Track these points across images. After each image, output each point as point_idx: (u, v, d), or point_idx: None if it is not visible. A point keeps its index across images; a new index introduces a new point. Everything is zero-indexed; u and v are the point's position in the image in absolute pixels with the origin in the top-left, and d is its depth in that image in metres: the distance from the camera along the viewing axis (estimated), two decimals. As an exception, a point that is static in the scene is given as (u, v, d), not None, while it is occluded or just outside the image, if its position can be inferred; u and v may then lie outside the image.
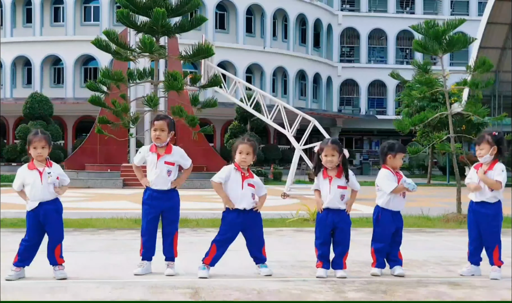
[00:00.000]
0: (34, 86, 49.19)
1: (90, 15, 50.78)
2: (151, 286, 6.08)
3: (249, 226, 6.71)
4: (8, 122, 50.41)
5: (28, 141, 6.46)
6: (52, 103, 42.62)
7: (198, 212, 14.16)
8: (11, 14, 50.63)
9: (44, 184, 6.37)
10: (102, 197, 21.04)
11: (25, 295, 5.62)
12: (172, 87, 12.69)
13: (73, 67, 49.73)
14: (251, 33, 54.08)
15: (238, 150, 6.67)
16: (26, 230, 6.51)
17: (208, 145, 33.53)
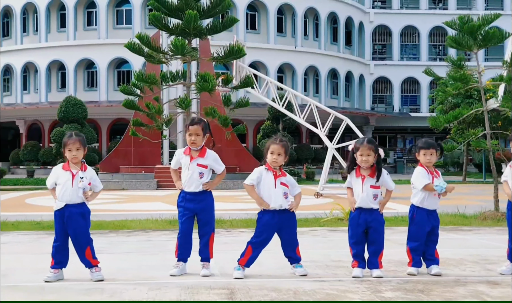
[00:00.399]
0: (69, 90, 49.80)
1: (122, 19, 51.25)
2: (187, 286, 6.10)
3: (284, 226, 6.69)
4: (43, 126, 51.12)
5: (63, 143, 6.53)
6: (86, 107, 43.08)
7: (231, 212, 14.19)
8: (45, 19, 51.35)
9: (74, 187, 6.43)
10: (136, 199, 21.22)
11: (62, 296, 5.67)
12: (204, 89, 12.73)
13: (106, 70, 50.24)
14: (282, 33, 54.02)
15: (269, 151, 6.66)
16: (55, 231, 6.58)
17: (240, 146, 33.59)
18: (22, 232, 10.96)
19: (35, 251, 8.69)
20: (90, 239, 6.58)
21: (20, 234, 10.73)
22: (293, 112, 25.23)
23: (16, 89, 52.86)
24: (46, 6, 51.07)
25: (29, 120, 51.72)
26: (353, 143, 6.86)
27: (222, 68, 44.06)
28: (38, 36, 51.90)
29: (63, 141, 6.55)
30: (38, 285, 6.22)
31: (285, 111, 24.37)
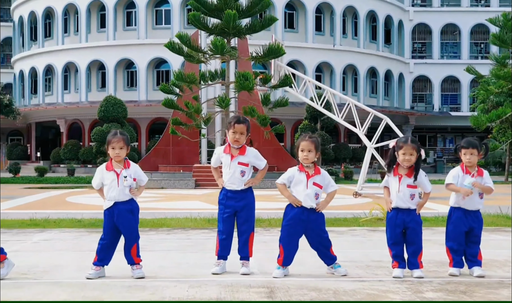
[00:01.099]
0: (108, 90, 50.42)
1: (161, 19, 51.65)
2: (226, 285, 6.12)
3: (312, 225, 6.61)
4: (83, 125, 51.85)
5: (107, 141, 6.59)
6: (125, 106, 43.59)
7: (270, 212, 14.17)
8: (86, 20, 52.07)
9: (120, 186, 6.50)
10: (175, 197, 21.36)
11: (104, 293, 5.74)
12: (243, 88, 12.75)
13: (145, 70, 50.72)
14: (320, 32, 53.82)
15: (300, 148, 6.63)
16: (103, 229, 6.66)
17: (278, 145, 33.57)
18: (64, 230, 11.13)
19: (76, 249, 8.80)
20: (138, 236, 6.65)
21: (62, 231, 10.90)
22: (331, 112, 25.12)
23: (57, 89, 53.71)
24: (86, 7, 51.78)
25: (70, 119, 52.51)
26: (394, 141, 6.78)
27: (260, 67, 44.10)
28: (78, 36, 52.64)
29: (107, 139, 6.61)
30: (80, 281, 6.30)
31: (324, 111, 24.27)
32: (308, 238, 6.70)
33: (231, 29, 12.53)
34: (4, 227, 11.34)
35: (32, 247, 8.99)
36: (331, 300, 5.56)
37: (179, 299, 5.53)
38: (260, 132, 26.31)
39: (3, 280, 6.38)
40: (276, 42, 13.59)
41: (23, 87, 57.86)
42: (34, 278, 6.50)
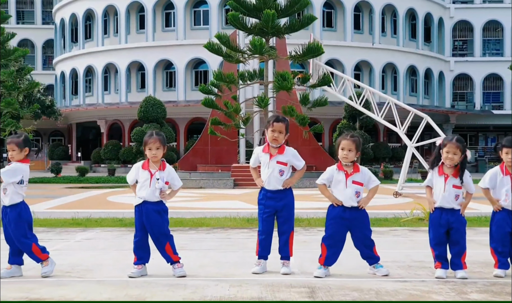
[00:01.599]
0: (148, 90, 50.86)
1: (199, 19, 51.91)
2: (267, 284, 6.12)
3: (355, 224, 6.57)
4: (123, 126, 52.41)
5: (144, 142, 6.64)
6: (165, 107, 43.93)
7: (309, 211, 14.12)
8: (125, 21, 52.63)
9: (152, 187, 6.55)
10: (214, 197, 21.43)
11: (146, 292, 5.78)
12: (282, 87, 12.73)
13: (184, 70, 51.03)
14: (359, 30, 53.45)
15: (340, 147, 6.59)
16: (135, 226, 6.72)
17: (317, 145, 33.44)
18: (105, 229, 11.26)
19: (118, 247, 8.90)
20: (170, 236, 6.67)
21: (104, 230, 11.03)
22: (370, 111, 24.92)
23: (98, 90, 54.41)
24: (126, 8, 52.32)
25: (110, 120, 53.14)
26: (441, 139, 6.70)
27: (297, 67, 43.99)
28: (118, 37, 53.22)
29: (143, 140, 6.66)
30: (123, 280, 6.37)
31: (363, 110, 24.09)
32: (353, 237, 6.66)
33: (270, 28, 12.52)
34: (47, 226, 11.53)
35: (74, 246, 9.12)
36: (373, 301, 5.51)
37: (220, 298, 5.55)
38: (299, 132, 26.22)
39: (47, 278, 6.48)
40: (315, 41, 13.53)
41: (64, 89, 58.75)
42: (78, 276, 6.59)
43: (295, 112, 13.11)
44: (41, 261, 6.58)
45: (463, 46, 61.14)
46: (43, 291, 5.81)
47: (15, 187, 6.54)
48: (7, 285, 6.12)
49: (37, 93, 38.82)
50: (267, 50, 12.59)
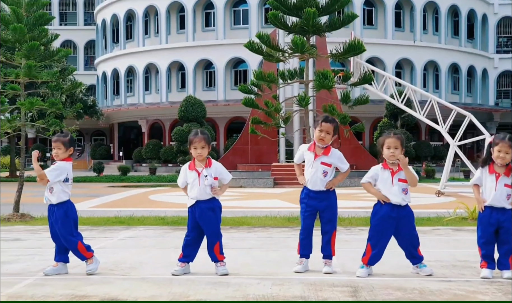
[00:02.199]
0: (188, 90, 51.21)
1: (239, 19, 52.05)
2: (310, 283, 6.10)
3: (403, 222, 6.50)
4: (164, 125, 52.86)
5: (189, 141, 6.68)
6: (205, 106, 44.19)
7: (350, 210, 14.06)
8: (166, 21, 53.07)
9: (201, 185, 6.58)
10: (254, 196, 21.48)
11: (189, 290, 5.82)
12: (324, 86, 12.67)
13: (224, 70, 51.23)
14: (400, 28, 52.92)
15: (385, 145, 6.53)
16: (187, 226, 6.76)
17: (357, 143, 33.26)
18: (148, 227, 11.37)
19: (161, 245, 8.98)
20: (220, 235, 6.71)
21: (146, 229, 11.14)
22: (412, 109, 24.66)
23: (139, 90, 54.99)
24: (166, 9, 52.75)
25: (151, 119, 53.65)
26: (492, 137, 6.58)
27: (337, 66, 43.76)
28: (159, 38, 53.68)
29: (189, 139, 6.69)
30: (166, 278, 6.42)
31: (404, 108, 23.85)
32: (398, 236, 6.58)
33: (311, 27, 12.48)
34: (90, 225, 11.71)
35: (118, 243, 9.23)
36: (417, 300, 5.46)
37: (263, 296, 5.55)
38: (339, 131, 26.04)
39: (92, 276, 6.58)
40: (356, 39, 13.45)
41: (105, 89, 59.54)
42: (122, 274, 6.67)
43: (336, 111, 13.03)
44: (86, 259, 6.67)
45: (508, 43, 60.00)
46: (89, 289, 5.89)
47: (61, 185, 6.66)
48: (54, 282, 6.23)
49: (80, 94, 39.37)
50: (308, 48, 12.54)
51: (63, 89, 14.33)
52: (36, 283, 6.16)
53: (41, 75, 13.41)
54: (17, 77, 13.34)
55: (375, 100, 39.65)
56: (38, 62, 13.37)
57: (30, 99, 13.25)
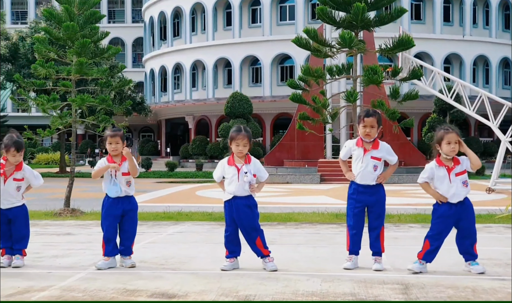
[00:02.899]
0: (234, 86, 51.38)
1: (285, 15, 51.95)
2: (359, 280, 6.05)
3: (462, 218, 6.40)
4: (210, 121, 53.17)
5: (231, 137, 6.66)
6: (251, 102, 44.29)
7: (399, 207, 13.90)
8: (212, 18, 53.32)
9: (240, 181, 6.59)
10: (301, 192, 21.44)
11: (239, 285, 5.83)
12: (371, 81, 12.56)
13: (270, 66, 51.22)
14: (448, 22, 52.05)
15: (445, 141, 6.38)
16: (225, 221, 6.78)
17: (405, 139, 32.86)
18: (196, 222, 11.46)
19: (209, 241, 9.03)
20: (260, 230, 6.71)
21: (194, 224, 11.23)
22: (461, 104, 24.25)
23: (186, 87, 55.41)
24: (213, 6, 52.99)
25: (197, 116, 54.03)
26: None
27: (385, 61, 43.31)
28: (205, 35, 53.97)
29: (230, 135, 6.67)
30: (216, 273, 6.46)
31: (454, 103, 23.47)
32: (458, 231, 6.47)
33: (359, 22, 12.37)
34: (140, 219, 11.79)
35: (167, 238, 9.32)
36: (469, 299, 5.36)
37: (313, 293, 5.53)
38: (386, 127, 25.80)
39: (144, 270, 6.66)
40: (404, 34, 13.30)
41: (153, 86, 60.18)
42: (172, 268, 6.74)
43: (385, 106, 12.91)
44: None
45: (561, 36, 58.40)
46: (140, 283, 5.96)
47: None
48: (105, 276, 6.33)
49: (128, 91, 39.92)
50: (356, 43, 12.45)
51: (113, 86, 14.53)
52: (88, 277, 6.27)
53: (92, 72, 13.63)
54: (69, 74, 13.59)
55: (424, 95, 39.13)
56: (89, 60, 13.59)
57: (81, 96, 13.48)
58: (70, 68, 13.50)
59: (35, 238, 9.00)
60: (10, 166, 6.92)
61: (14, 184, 6.94)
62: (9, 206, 6.94)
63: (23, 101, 15.21)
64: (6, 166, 6.91)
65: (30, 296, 5.43)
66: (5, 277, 6.27)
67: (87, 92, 15.53)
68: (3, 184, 6.90)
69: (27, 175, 7.06)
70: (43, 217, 12.42)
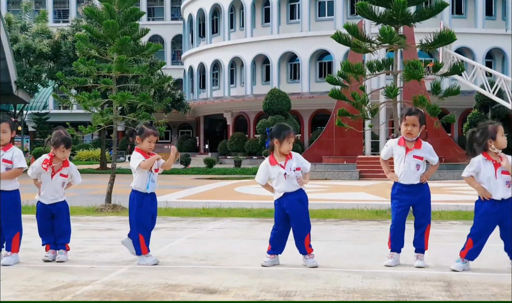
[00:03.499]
0: (272, 83, 51.35)
1: (324, 10, 51.72)
2: (401, 277, 6.00)
3: (506, 216, 6.29)
4: (248, 118, 53.25)
5: (282, 135, 6.57)
6: (289, 98, 44.22)
7: (440, 204, 13.73)
8: (251, 15, 53.37)
9: (287, 178, 6.58)
10: (339, 188, 21.34)
11: (279, 281, 5.83)
12: (412, 77, 12.42)
13: (308, 62, 51.05)
14: (491, 16, 51.13)
15: (499, 133, 6.25)
16: (274, 219, 6.78)
17: (446, 136, 32.46)
18: (235, 219, 11.50)
19: (249, 237, 9.05)
20: (310, 226, 6.70)
21: (233, 220, 11.26)
22: (504, 99, 23.86)
23: (224, 83, 55.60)
24: (251, 2, 53.03)
25: (236, 112, 54.16)
26: None
27: (424, 56, 42.81)
28: (244, 31, 54.05)
29: (280, 132, 6.60)
30: (256, 269, 6.47)
31: (496, 99, 23.12)
32: (501, 227, 6.35)
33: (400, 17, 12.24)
34: (179, 216, 11.95)
35: (207, 234, 9.37)
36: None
37: (354, 290, 5.50)
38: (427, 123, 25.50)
39: (184, 265, 6.70)
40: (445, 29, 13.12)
41: (192, 82, 60.52)
42: (212, 264, 6.77)
43: (426, 102, 12.75)
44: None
45: None
46: (181, 278, 6.01)
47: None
48: (146, 271, 6.39)
49: (167, 88, 40.22)
50: (397, 38, 12.32)
51: (153, 83, 14.65)
52: (129, 272, 6.33)
53: (132, 70, 13.76)
54: (109, 72, 13.75)
55: (464, 91, 38.48)
56: (129, 57, 13.73)
57: (122, 93, 13.63)
58: (110, 66, 13.65)
59: (78, 233, 9.14)
60: (58, 162, 7.06)
61: (60, 179, 7.08)
62: (53, 201, 7.05)
63: (64, 98, 15.42)
64: (54, 162, 7.05)
65: (74, 290, 5.51)
66: (50, 271, 6.39)
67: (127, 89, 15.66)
68: (51, 178, 7.03)
69: (72, 172, 7.20)
70: (84, 212, 12.60)
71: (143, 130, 6.91)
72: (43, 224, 7.09)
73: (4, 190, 6.77)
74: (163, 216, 11.56)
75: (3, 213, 6.79)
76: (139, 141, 6.88)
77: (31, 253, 7.42)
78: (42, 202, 7.08)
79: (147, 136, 6.87)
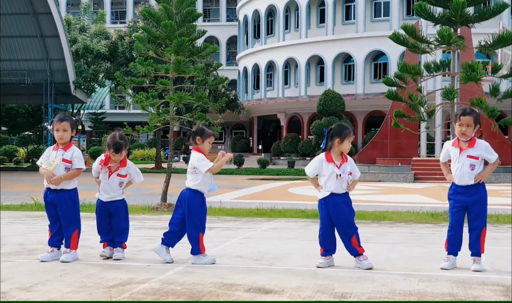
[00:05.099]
0: (327, 84, 51.14)
1: (380, 11, 51.22)
2: (458, 281, 5.93)
3: None
4: (302, 119, 53.16)
5: (343, 134, 6.62)
6: (343, 100, 43.98)
7: (497, 207, 13.47)
8: (306, 16, 53.28)
9: (339, 179, 6.59)
10: (394, 191, 21.13)
11: (334, 282, 5.84)
12: (470, 78, 12.24)
13: (363, 63, 50.66)
14: (552, 17, 49.78)
15: None
16: (320, 219, 6.78)
17: (503, 138, 31.79)
18: (289, 219, 11.52)
19: (303, 238, 9.07)
20: (355, 227, 6.68)
21: (287, 221, 11.29)
22: None
23: (278, 84, 55.65)
24: (306, 3, 52.93)
25: (289, 113, 54.15)
26: None
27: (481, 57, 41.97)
28: (298, 32, 54.00)
29: (344, 132, 6.63)
30: (311, 269, 6.48)
31: (557, 101, 22.47)
32: None
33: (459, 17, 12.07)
34: (234, 216, 12.04)
35: (262, 235, 9.43)
36: None
37: (410, 292, 5.46)
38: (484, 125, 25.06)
39: (239, 265, 6.77)
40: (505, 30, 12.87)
41: (246, 83, 60.79)
42: (267, 264, 6.82)
43: (484, 104, 12.54)
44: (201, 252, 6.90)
45: None
46: (236, 277, 6.07)
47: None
48: (202, 270, 6.47)
49: (222, 88, 40.56)
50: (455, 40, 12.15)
51: (208, 84, 14.81)
52: (186, 271, 6.42)
53: (189, 71, 13.94)
54: (167, 72, 13.96)
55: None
56: (186, 58, 13.91)
57: (179, 93, 13.82)
58: (168, 66, 13.86)
59: (134, 231, 9.32)
60: (115, 162, 7.21)
61: (117, 179, 7.22)
62: (110, 199, 7.21)
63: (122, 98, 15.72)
64: (110, 162, 7.21)
65: (132, 287, 5.63)
66: (108, 268, 6.54)
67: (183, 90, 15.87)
68: (108, 178, 7.20)
69: (131, 171, 7.34)
70: (141, 211, 12.83)
71: (204, 131, 6.92)
72: (101, 221, 7.26)
73: (63, 189, 6.96)
74: (218, 216, 11.68)
75: (62, 211, 6.96)
76: (200, 142, 6.91)
77: (89, 250, 7.61)
78: (100, 199, 7.26)
79: (208, 137, 6.92)
